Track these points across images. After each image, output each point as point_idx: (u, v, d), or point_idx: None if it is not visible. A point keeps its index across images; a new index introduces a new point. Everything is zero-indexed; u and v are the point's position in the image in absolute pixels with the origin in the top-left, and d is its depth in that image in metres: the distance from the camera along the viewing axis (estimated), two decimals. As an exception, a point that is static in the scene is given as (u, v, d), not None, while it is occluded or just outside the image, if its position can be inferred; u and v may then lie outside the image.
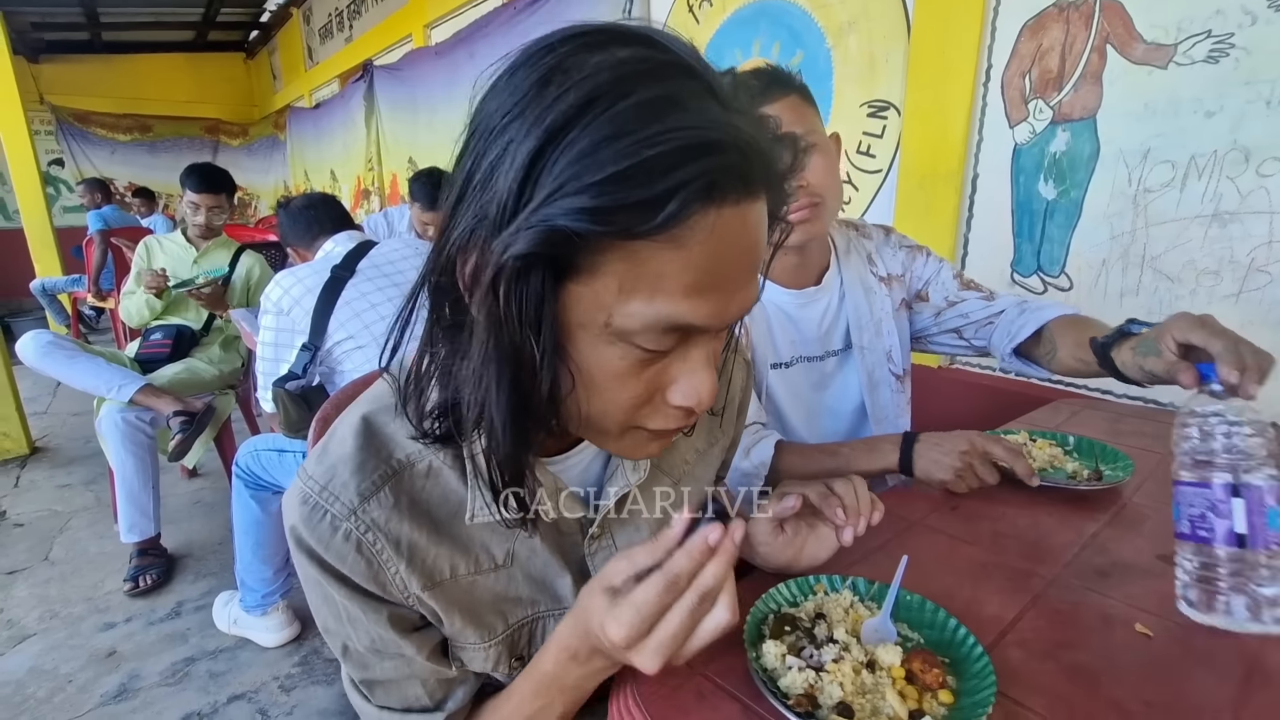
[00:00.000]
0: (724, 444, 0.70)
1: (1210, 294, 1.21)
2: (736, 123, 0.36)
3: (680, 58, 0.37)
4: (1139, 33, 1.24)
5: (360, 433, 0.50)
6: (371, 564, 0.48)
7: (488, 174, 0.36)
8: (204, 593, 1.95)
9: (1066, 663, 0.56)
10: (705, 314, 0.39)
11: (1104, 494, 0.87)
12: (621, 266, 0.36)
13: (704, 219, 0.35)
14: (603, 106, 0.33)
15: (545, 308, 0.37)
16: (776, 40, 1.94)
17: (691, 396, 0.43)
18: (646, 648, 0.44)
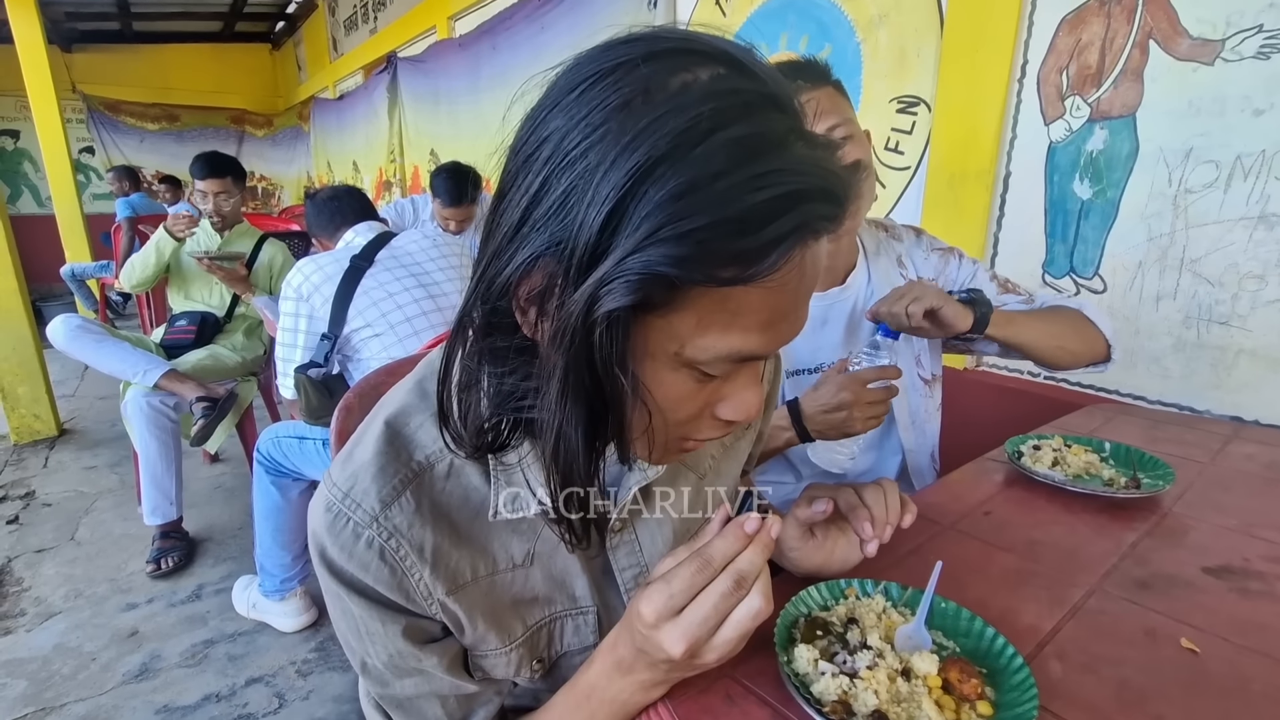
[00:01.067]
0: (750, 438, 0.69)
1: (1254, 299, 1.17)
2: (825, 163, 0.35)
3: (766, 85, 0.35)
4: (1184, 28, 1.20)
5: (381, 437, 0.49)
6: (395, 571, 0.47)
7: (561, 202, 0.34)
8: (224, 576, 1.98)
9: (1109, 677, 0.54)
10: (772, 344, 0.39)
11: (1143, 503, 0.84)
12: (703, 303, 0.35)
13: (794, 262, 0.35)
14: (694, 143, 0.32)
15: (626, 347, 0.36)
16: (804, 34, 1.91)
17: (742, 412, 0.43)
18: (675, 627, 0.43)
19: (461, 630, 0.52)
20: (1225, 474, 0.94)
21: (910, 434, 1.09)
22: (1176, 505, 0.84)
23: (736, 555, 0.44)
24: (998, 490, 0.89)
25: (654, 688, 0.49)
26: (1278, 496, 0.87)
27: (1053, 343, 0.99)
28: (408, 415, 0.50)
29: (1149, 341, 1.31)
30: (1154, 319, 1.30)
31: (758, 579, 0.44)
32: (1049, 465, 0.91)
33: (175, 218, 2.27)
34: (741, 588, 0.43)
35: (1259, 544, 0.74)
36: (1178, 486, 0.88)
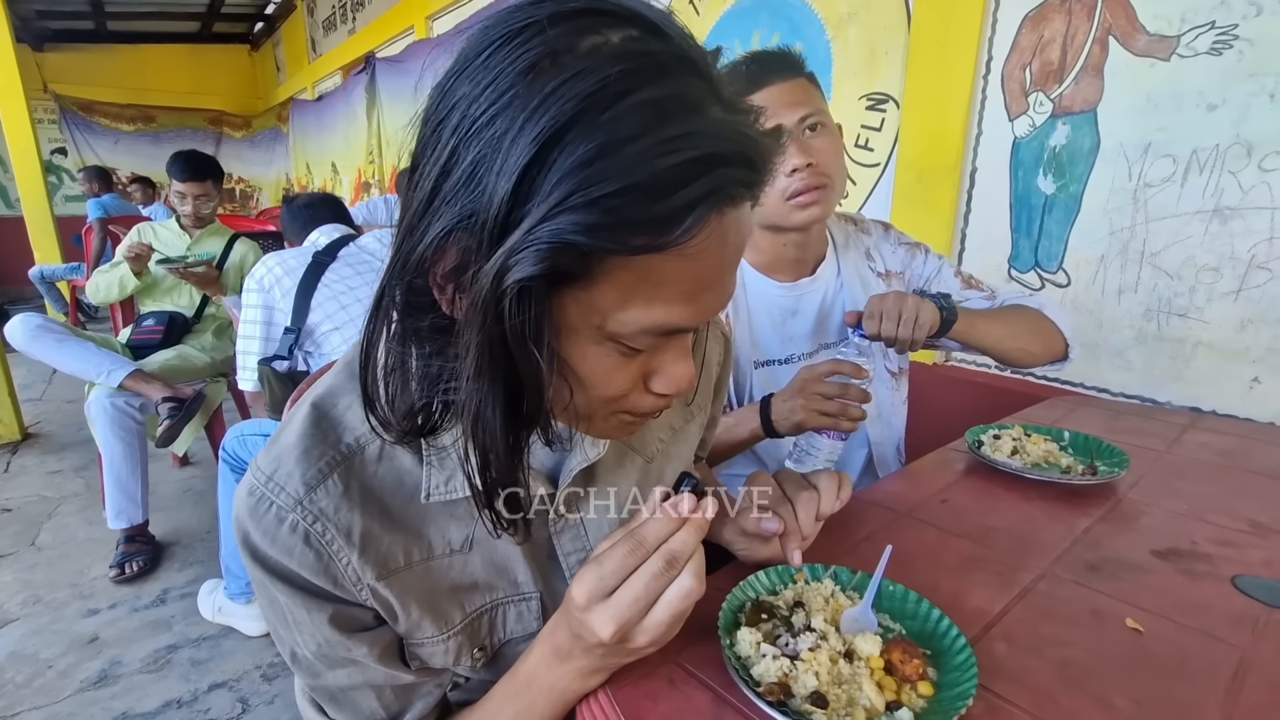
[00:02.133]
0: (701, 421, 0.68)
1: (1210, 291, 1.19)
2: (742, 128, 0.34)
3: (679, 47, 0.34)
4: (1142, 24, 1.22)
5: (307, 419, 0.48)
6: (321, 556, 0.46)
7: (470, 172, 0.33)
8: (190, 580, 1.94)
9: (1053, 657, 0.54)
10: (697, 316, 0.38)
11: (1099, 489, 0.85)
12: (622, 275, 0.34)
13: (710, 229, 0.34)
14: (603, 107, 0.31)
15: (545, 321, 0.35)
16: (776, 32, 1.92)
17: (674, 385, 0.42)
18: (606, 609, 0.42)
19: (395, 617, 0.50)
20: (1180, 462, 0.95)
21: (877, 427, 1.10)
22: (1131, 492, 0.85)
23: (670, 536, 0.43)
24: (957, 479, 0.89)
25: (592, 675, 0.48)
26: (1228, 482, 0.88)
27: (1013, 343, 1.00)
28: (335, 396, 0.49)
29: (1112, 334, 1.33)
30: (1116, 312, 1.32)
31: (690, 559, 0.43)
32: (1008, 454, 0.92)
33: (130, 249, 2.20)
34: (673, 568, 0.43)
35: (1207, 527, 0.75)
36: (1133, 474, 0.89)
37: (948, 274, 1.09)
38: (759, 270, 1.04)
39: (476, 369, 0.36)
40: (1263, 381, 1.15)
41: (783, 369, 1.06)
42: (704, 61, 0.35)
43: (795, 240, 0.99)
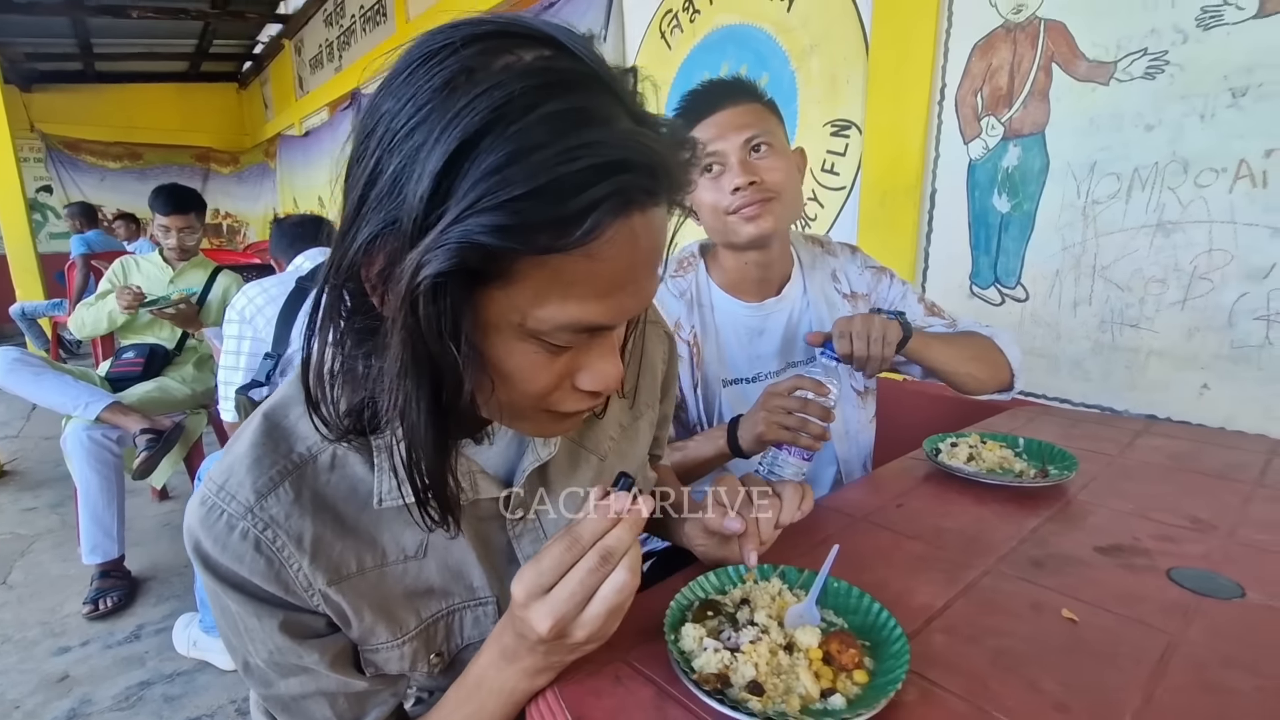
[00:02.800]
0: (651, 418, 0.70)
1: (1158, 301, 1.23)
2: (644, 137, 0.37)
3: (586, 64, 0.37)
4: (1081, 51, 1.29)
5: (258, 429, 0.49)
6: (272, 562, 0.47)
7: (393, 181, 0.36)
8: (166, 615, 1.91)
9: (990, 646, 0.55)
10: (613, 314, 0.40)
11: (1050, 492, 0.87)
12: (536, 274, 0.37)
13: (615, 231, 0.36)
14: (513, 118, 0.33)
15: (463, 317, 0.37)
16: (744, 63, 1.99)
17: (599, 382, 0.44)
18: (543, 605, 0.44)
19: (347, 623, 0.51)
20: (1131, 465, 0.98)
21: (844, 445, 1.12)
22: (1081, 493, 0.87)
23: (605, 533, 0.45)
24: (914, 485, 0.92)
25: (538, 674, 0.49)
26: (1175, 483, 0.91)
27: (962, 367, 1.04)
28: (287, 407, 0.50)
29: (1069, 346, 1.37)
30: (1073, 324, 1.36)
31: (625, 555, 0.45)
32: (965, 460, 0.94)
33: (121, 292, 2.22)
34: (608, 563, 0.44)
35: (1150, 524, 0.78)
36: (1083, 476, 0.91)
37: (912, 300, 1.12)
38: (725, 290, 1.07)
39: (400, 365, 0.39)
40: (1212, 387, 1.19)
41: (751, 387, 1.08)
42: (612, 78, 0.38)
43: (756, 259, 1.02)
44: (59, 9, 5.21)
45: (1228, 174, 1.13)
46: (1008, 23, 1.38)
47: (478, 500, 0.54)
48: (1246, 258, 1.13)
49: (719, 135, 0.94)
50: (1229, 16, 1.10)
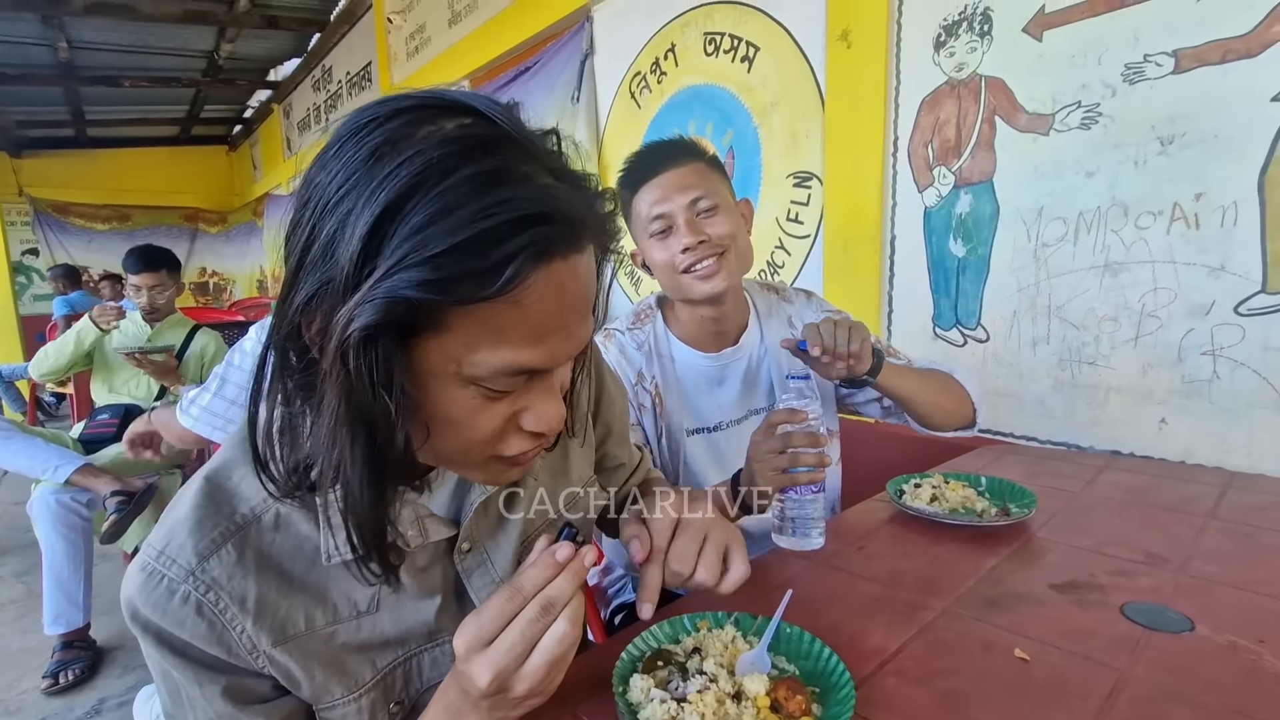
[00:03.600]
0: (590, 440, 0.71)
1: (1112, 339, 1.27)
2: (560, 191, 0.40)
3: (503, 128, 0.40)
4: (1021, 105, 1.36)
5: (200, 492, 0.49)
6: (214, 625, 0.47)
7: (326, 245, 0.38)
8: (129, 688, 1.84)
9: (939, 688, 0.55)
10: (546, 358, 0.42)
11: (1010, 529, 0.88)
12: (465, 324, 0.39)
13: (537, 279, 0.38)
14: (435, 181, 0.36)
15: (395, 368, 0.38)
16: (710, 121, 2.08)
17: (542, 424, 0.45)
18: (483, 657, 0.44)
19: (296, 684, 0.51)
20: (1091, 500, 1.00)
21: None
22: (1041, 530, 0.88)
23: (547, 583, 0.45)
24: (878, 527, 0.92)
25: None
26: (1132, 517, 0.92)
27: (930, 399, 1.05)
28: (230, 469, 0.51)
29: (1032, 384, 1.40)
30: (1033, 363, 1.40)
31: (567, 605, 0.45)
32: (928, 501, 0.95)
33: (102, 309, 2.24)
34: (548, 614, 0.44)
35: (1106, 560, 0.78)
36: (1043, 513, 0.92)
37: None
38: (684, 342, 1.09)
39: (334, 418, 0.40)
40: (1169, 422, 1.21)
41: (715, 435, 1.09)
42: (530, 140, 0.41)
43: (710, 314, 1.05)
44: (53, 80, 5.35)
45: (1164, 216, 1.19)
46: (951, 80, 1.47)
47: (425, 545, 0.54)
48: (1189, 295, 1.17)
49: (664, 198, 0.98)
50: (1150, 73, 1.18)
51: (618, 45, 2.41)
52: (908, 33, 1.53)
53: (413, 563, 0.54)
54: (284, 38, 5.22)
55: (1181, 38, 1.15)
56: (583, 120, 2.52)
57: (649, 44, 2.27)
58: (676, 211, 0.97)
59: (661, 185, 0.98)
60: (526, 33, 2.77)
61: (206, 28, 4.74)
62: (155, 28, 4.56)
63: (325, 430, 0.41)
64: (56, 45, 4.64)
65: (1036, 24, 1.33)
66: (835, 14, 1.65)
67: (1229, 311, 1.14)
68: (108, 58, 5.06)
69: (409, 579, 0.54)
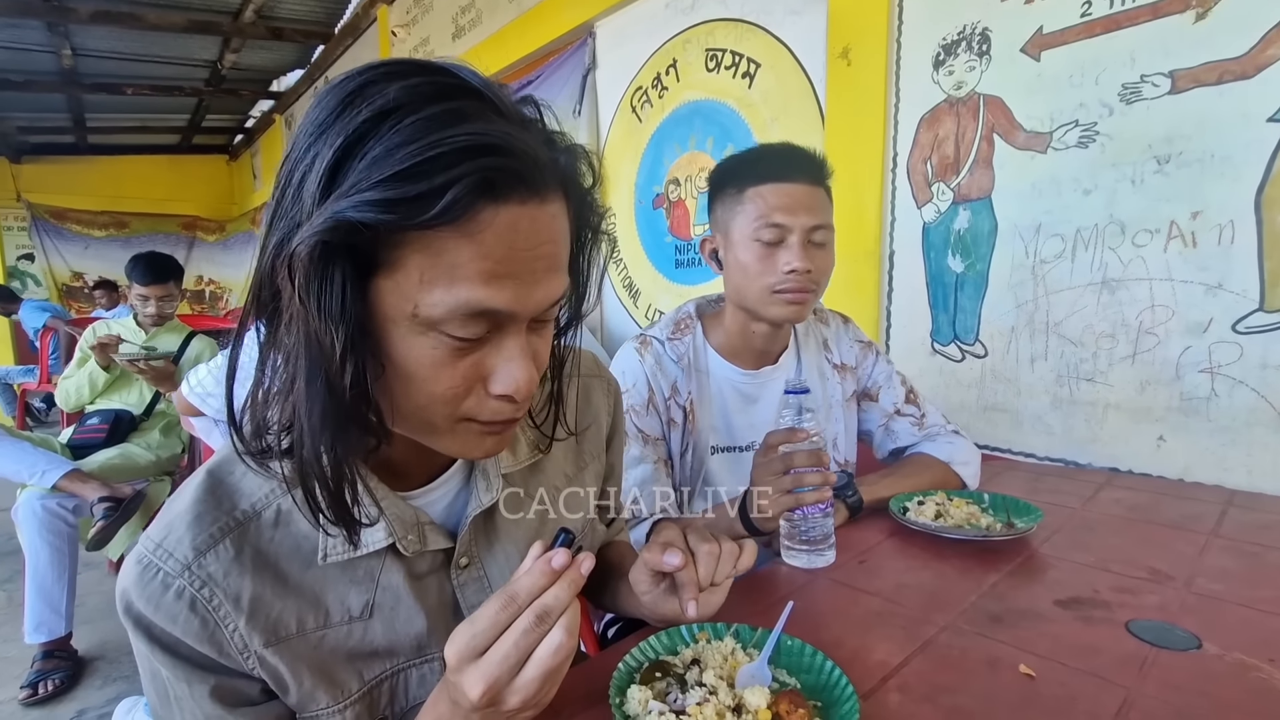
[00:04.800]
0: (597, 470, 0.69)
1: (1110, 356, 1.27)
2: (515, 131, 0.40)
3: (469, 82, 0.41)
4: (1019, 123, 1.37)
5: (201, 486, 0.49)
6: (207, 623, 0.46)
7: (296, 188, 0.39)
8: (110, 699, 1.79)
9: (945, 705, 0.54)
10: (505, 300, 0.41)
11: (1012, 545, 0.87)
12: (419, 258, 0.39)
13: (489, 213, 0.39)
14: (394, 120, 0.37)
15: (347, 300, 0.39)
16: (710, 136, 2.10)
17: (510, 384, 0.44)
18: (476, 668, 0.42)
19: (285, 688, 0.49)
20: (1092, 518, 0.99)
21: None
22: (1043, 546, 0.87)
23: (543, 591, 0.43)
24: (879, 542, 0.91)
25: None
26: (1135, 535, 0.92)
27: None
28: (232, 464, 0.50)
29: (1030, 401, 1.40)
30: (1032, 379, 1.40)
31: (563, 614, 0.43)
32: (932, 517, 0.94)
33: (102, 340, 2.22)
34: (544, 623, 0.42)
35: (1109, 576, 0.77)
36: (1046, 529, 0.91)
37: (895, 383, 1.13)
38: (722, 354, 1.06)
39: (294, 357, 0.40)
40: (1167, 439, 1.21)
41: (742, 455, 1.06)
42: (493, 92, 0.42)
43: (765, 332, 1.02)
44: (55, 87, 5.36)
45: (1161, 234, 1.19)
46: (950, 98, 1.48)
47: (423, 553, 0.54)
48: (1186, 313, 1.17)
49: (790, 209, 0.93)
50: (1146, 93, 1.19)
51: (620, 60, 2.43)
52: (907, 51, 1.55)
53: (410, 572, 0.53)
54: (288, 49, 5.25)
55: (1178, 59, 1.17)
56: (584, 134, 2.54)
57: (651, 59, 2.29)
58: (796, 229, 0.93)
59: (792, 195, 0.93)
60: (529, 47, 2.80)
61: (211, 38, 4.77)
62: (159, 37, 4.58)
63: (285, 371, 0.41)
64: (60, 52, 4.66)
65: (1034, 44, 1.34)
66: (836, 32, 1.67)
67: (1227, 329, 1.14)
68: (111, 65, 5.08)
69: (404, 588, 0.53)
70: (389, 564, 0.52)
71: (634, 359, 1.02)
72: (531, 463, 0.61)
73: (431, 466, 0.55)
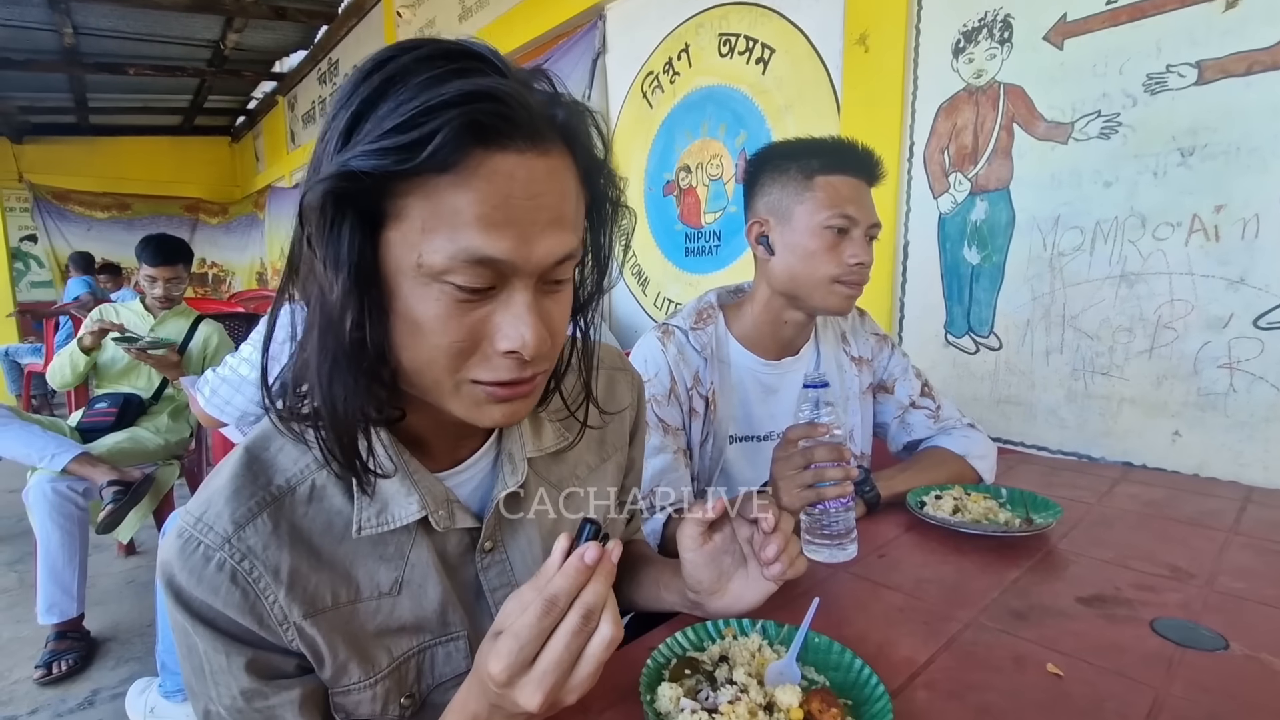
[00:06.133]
0: (619, 461, 0.69)
1: (1126, 350, 1.26)
2: (509, 84, 0.41)
3: (471, 49, 0.42)
4: (1040, 113, 1.35)
5: (239, 461, 0.50)
6: (248, 594, 0.47)
7: (321, 154, 0.42)
8: (123, 679, 1.81)
9: (973, 703, 0.54)
10: (505, 248, 0.41)
11: (1031, 540, 0.87)
12: (420, 206, 0.40)
13: (483, 159, 0.40)
14: (402, 81, 0.40)
15: (353, 248, 0.40)
16: (723, 122, 2.07)
17: (515, 339, 0.44)
18: (530, 681, 0.42)
19: (321, 660, 0.50)
20: (1109, 513, 0.98)
21: None
22: (1062, 542, 0.87)
23: (580, 589, 0.43)
24: (897, 536, 0.91)
25: None
26: (1153, 531, 0.91)
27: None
28: (268, 440, 0.51)
29: (1044, 394, 1.39)
30: (1046, 372, 1.39)
31: (604, 608, 0.43)
32: (950, 512, 0.94)
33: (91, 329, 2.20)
34: (590, 621, 0.42)
35: (1130, 574, 0.77)
36: (1064, 525, 0.91)
37: (910, 376, 1.13)
38: (744, 344, 1.06)
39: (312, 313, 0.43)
40: (1183, 435, 1.20)
41: (762, 444, 1.06)
42: (497, 56, 0.43)
43: (798, 321, 1.03)
44: (57, 66, 5.31)
45: (1183, 228, 1.18)
46: (970, 86, 1.46)
47: (449, 532, 0.55)
48: (1206, 308, 1.16)
49: (858, 201, 0.95)
50: (1172, 83, 1.17)
51: (630, 44, 2.40)
52: (926, 38, 1.52)
53: (438, 551, 0.54)
54: (291, 29, 5.19)
55: (1205, 49, 1.14)
56: (593, 119, 2.51)
57: (662, 44, 2.26)
58: (862, 222, 0.95)
59: (858, 190, 0.96)
60: (538, 30, 2.76)
61: (213, 17, 4.71)
62: (162, 16, 4.53)
63: (309, 326, 0.43)
64: (62, 31, 4.61)
65: (1058, 32, 1.32)
66: (854, 17, 1.64)
67: (1248, 324, 1.13)
68: (113, 45, 5.02)
69: (432, 566, 0.53)
70: (419, 541, 0.53)
71: (656, 349, 1.02)
72: (556, 450, 0.61)
73: (460, 449, 0.56)
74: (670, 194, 2.32)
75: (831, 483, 0.80)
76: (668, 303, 2.40)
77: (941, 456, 1.07)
